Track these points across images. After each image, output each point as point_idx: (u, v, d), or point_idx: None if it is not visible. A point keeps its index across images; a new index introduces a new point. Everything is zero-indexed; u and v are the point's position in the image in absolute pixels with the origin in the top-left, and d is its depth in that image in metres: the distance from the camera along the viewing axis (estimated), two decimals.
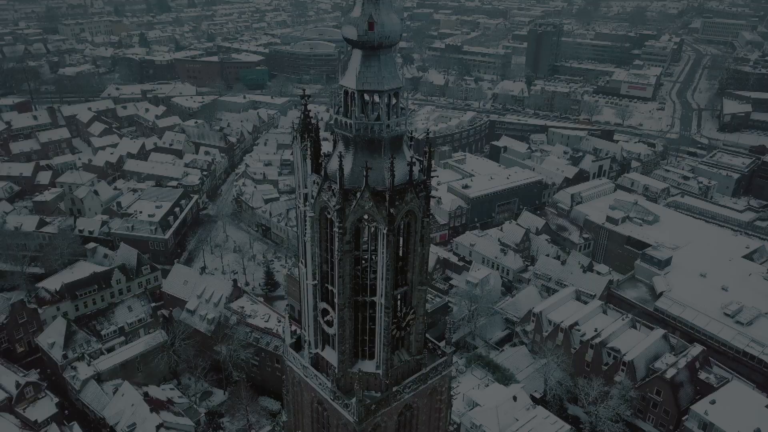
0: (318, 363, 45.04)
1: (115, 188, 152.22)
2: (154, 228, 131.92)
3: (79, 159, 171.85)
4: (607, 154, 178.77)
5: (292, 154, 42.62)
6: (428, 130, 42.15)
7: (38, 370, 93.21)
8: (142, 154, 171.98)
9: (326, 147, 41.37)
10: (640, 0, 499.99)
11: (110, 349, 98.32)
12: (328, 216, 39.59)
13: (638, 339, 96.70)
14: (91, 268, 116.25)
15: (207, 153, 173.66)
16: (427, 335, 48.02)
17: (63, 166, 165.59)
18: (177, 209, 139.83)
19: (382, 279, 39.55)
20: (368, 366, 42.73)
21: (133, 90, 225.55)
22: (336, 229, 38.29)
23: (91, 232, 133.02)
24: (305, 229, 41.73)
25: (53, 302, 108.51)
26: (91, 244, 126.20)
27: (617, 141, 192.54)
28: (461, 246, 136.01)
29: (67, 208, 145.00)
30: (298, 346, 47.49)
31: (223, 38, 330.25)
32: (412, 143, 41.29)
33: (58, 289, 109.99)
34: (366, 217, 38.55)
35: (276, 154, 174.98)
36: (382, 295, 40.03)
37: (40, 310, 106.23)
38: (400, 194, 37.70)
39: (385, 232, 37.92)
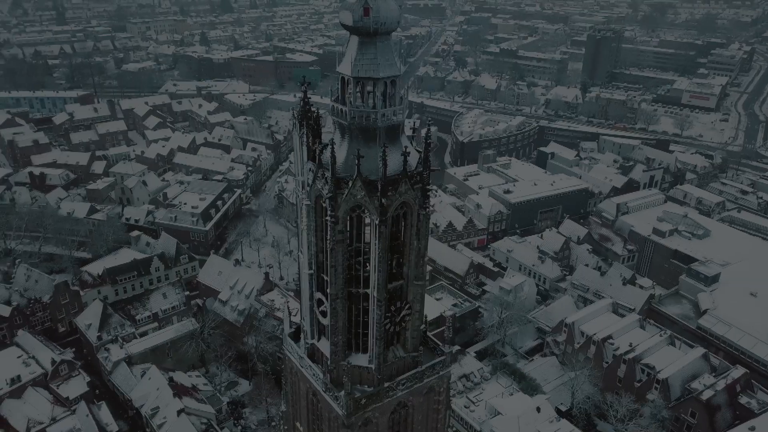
0: (314, 354, 44.70)
1: (163, 180, 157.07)
2: (196, 219, 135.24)
3: (133, 151, 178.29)
4: (660, 165, 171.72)
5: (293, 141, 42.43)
6: (429, 122, 41.01)
7: (74, 349, 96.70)
8: (192, 148, 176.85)
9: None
10: (711, 7, 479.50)
11: (143, 334, 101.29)
12: (324, 204, 39.21)
13: (676, 357, 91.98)
14: (133, 255, 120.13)
15: (254, 149, 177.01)
16: (429, 334, 47.14)
17: (117, 157, 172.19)
18: (219, 202, 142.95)
19: (375, 271, 38.85)
20: (361, 359, 42.05)
21: (190, 86, 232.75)
22: (328, 218, 37.86)
23: (137, 221, 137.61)
24: (302, 218, 41.56)
25: (94, 286, 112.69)
26: (135, 232, 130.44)
27: (672, 152, 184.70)
28: (498, 252, 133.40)
29: (117, 196, 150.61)
30: (297, 336, 47.34)
31: (280, 39, 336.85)
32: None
33: (99, 274, 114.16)
34: (359, 207, 38.04)
35: None
36: (374, 288, 39.34)
37: (81, 293, 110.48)
38: (393, 184, 36.95)
39: (377, 222, 37.25)
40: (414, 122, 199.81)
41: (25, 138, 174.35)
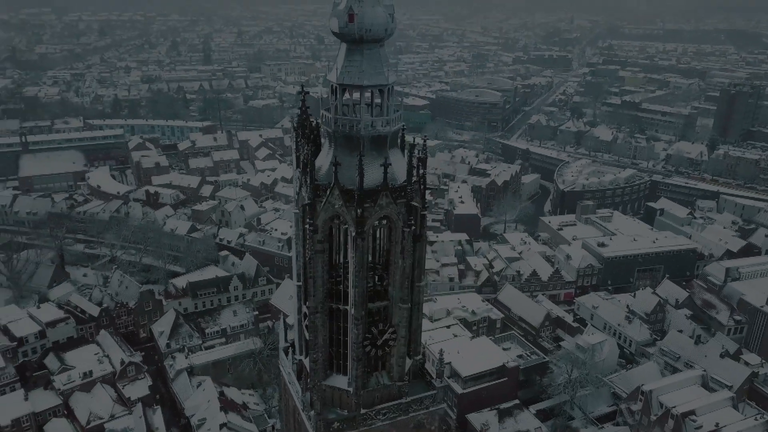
0: (301, 370, 43.48)
1: (261, 206, 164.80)
2: (282, 245, 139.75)
3: (241, 178, 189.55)
4: None
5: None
6: (425, 138, 39.23)
7: (143, 353, 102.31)
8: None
9: None
10: None
11: (209, 347, 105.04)
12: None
13: None
14: (217, 273, 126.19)
15: None
16: (427, 367, 44.24)
17: (225, 182, 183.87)
18: None
19: (352, 286, 37.32)
20: (340, 381, 40.29)
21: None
22: (307, 226, 37.12)
23: (229, 242, 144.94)
24: (293, 227, 41.17)
25: (177, 297, 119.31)
26: (225, 252, 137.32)
27: None
28: (583, 307, 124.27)
29: (217, 218, 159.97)
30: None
31: (398, 83, 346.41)
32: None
33: (183, 287, 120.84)
34: (338, 217, 36.96)
35: None
36: (351, 305, 37.73)
37: (164, 302, 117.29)
38: (372, 196, 35.62)
39: (353, 234, 35.93)
40: (515, 168, 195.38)
41: (150, 160, 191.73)
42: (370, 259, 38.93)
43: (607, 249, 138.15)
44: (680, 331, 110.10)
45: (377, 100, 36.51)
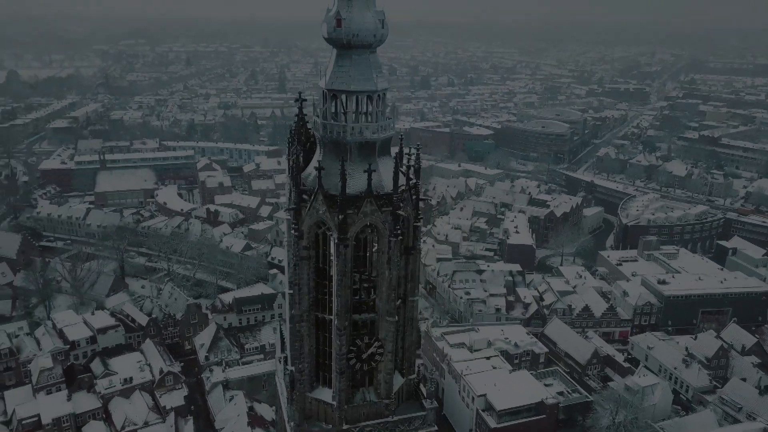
0: (293, 381, 42.63)
1: None
2: None
3: None
4: None
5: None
6: (418, 146, 38.26)
7: (182, 364, 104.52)
8: None
9: None
10: None
11: (247, 363, 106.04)
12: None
13: None
14: (263, 290, 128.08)
15: None
16: (422, 387, 42.48)
17: (283, 204, 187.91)
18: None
19: (335, 295, 36.54)
20: (326, 394, 39.34)
21: None
22: (292, 231, 36.81)
23: (279, 261, 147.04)
24: (286, 234, 40.95)
25: (222, 312, 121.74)
26: (274, 271, 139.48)
27: None
28: (637, 347, 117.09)
29: (272, 238, 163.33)
30: None
31: (465, 113, 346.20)
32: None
33: (229, 302, 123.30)
34: (323, 223, 36.42)
35: (468, 221, 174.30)
36: (335, 314, 36.89)
37: (210, 316, 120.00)
38: (355, 203, 34.96)
39: (336, 241, 35.28)
40: (576, 200, 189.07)
41: (214, 180, 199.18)
42: (360, 269, 38.09)
43: (668, 287, 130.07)
44: (744, 380, 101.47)
45: (366, 107, 35.97)
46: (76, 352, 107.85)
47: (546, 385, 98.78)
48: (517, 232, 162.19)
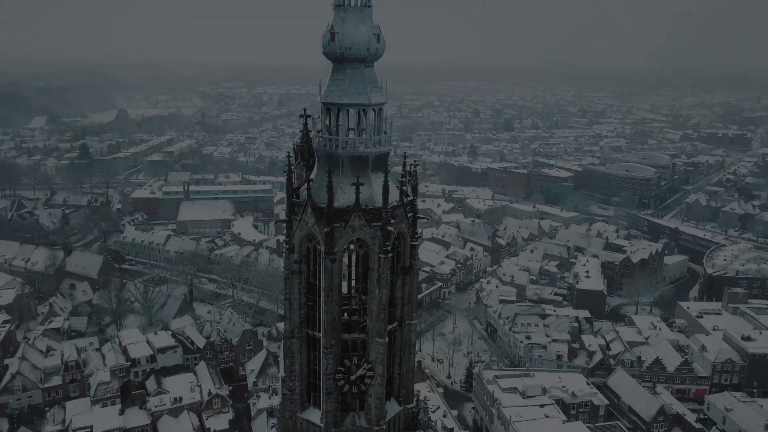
0: (284, 401, 41.84)
1: None
2: None
3: None
4: None
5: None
6: (414, 162, 37.30)
7: (231, 387, 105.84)
8: None
9: None
10: None
11: None
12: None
13: None
14: None
15: (472, 249, 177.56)
16: (423, 417, 40.45)
17: None
18: None
19: (322, 312, 35.76)
20: (314, 415, 38.26)
21: (437, 189, 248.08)
22: (284, 245, 36.63)
23: None
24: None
25: (278, 340, 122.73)
26: None
27: None
28: (714, 408, 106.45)
29: None
30: None
31: (546, 155, 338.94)
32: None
33: None
34: (314, 237, 35.97)
35: (538, 263, 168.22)
36: (322, 331, 36.06)
37: (265, 343, 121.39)
38: (344, 216, 34.36)
39: (323, 254, 34.73)
40: (657, 247, 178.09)
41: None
42: (358, 286, 37.27)
43: (754, 344, 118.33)
44: None
45: (360, 121, 35.64)
46: (137, 369, 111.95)
47: None
48: (587, 276, 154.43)
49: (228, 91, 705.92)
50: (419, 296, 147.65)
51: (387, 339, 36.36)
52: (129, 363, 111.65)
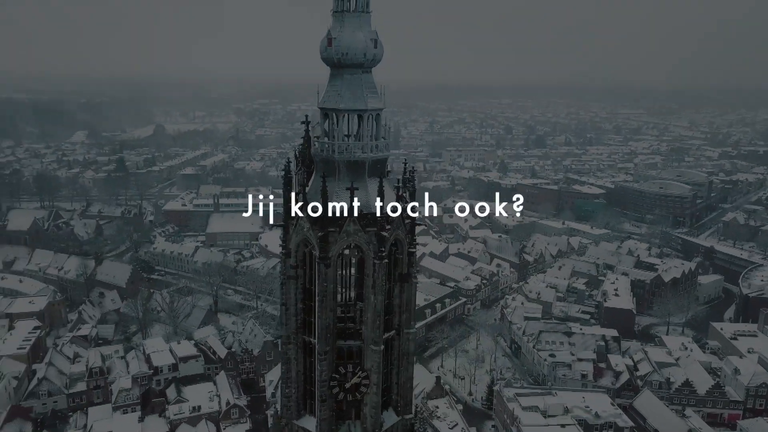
0: (281, 407, 41.59)
1: None
2: None
3: None
4: None
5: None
6: (413, 168, 36.95)
7: (249, 398, 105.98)
8: (443, 256, 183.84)
9: None
10: None
11: None
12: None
13: None
14: None
15: (498, 265, 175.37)
16: (420, 428, 39.62)
17: None
18: (438, 305, 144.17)
19: (317, 317, 35.56)
20: (309, 423, 37.87)
21: (464, 204, 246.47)
22: (281, 249, 36.67)
23: None
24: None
25: None
26: None
27: None
28: None
29: None
30: None
31: (578, 172, 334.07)
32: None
33: None
34: (309, 242, 35.89)
35: (566, 280, 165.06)
36: (317, 338, 35.82)
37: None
38: (338, 221, 34.25)
39: (317, 259, 34.62)
40: (690, 266, 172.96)
41: None
42: (349, 293, 36.96)
43: None
44: None
45: (359, 127, 35.60)
46: (159, 378, 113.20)
47: None
48: (616, 294, 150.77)
49: (263, 108, 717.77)
50: (443, 311, 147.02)
51: (383, 347, 35.94)
52: (151, 371, 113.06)
